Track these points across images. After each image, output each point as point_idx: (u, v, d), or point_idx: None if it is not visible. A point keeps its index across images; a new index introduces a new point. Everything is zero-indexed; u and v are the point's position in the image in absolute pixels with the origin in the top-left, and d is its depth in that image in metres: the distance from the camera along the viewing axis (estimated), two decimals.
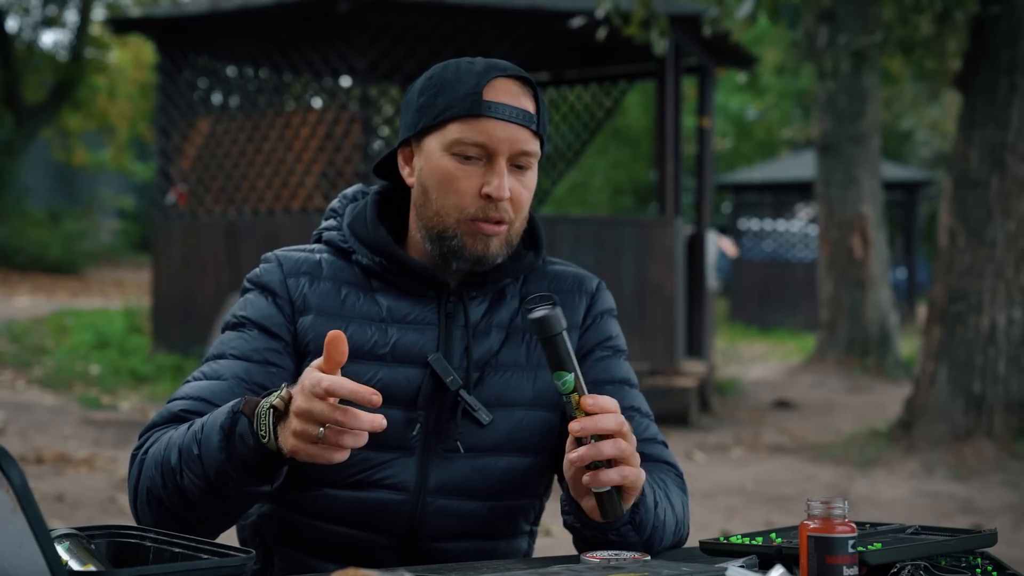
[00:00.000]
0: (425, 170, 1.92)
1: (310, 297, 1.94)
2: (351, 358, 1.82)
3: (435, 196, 1.90)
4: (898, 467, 8.30)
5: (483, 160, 1.88)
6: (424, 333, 1.93)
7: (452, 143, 1.88)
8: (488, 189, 1.87)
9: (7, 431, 8.15)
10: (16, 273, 17.69)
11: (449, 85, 1.89)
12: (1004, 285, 8.59)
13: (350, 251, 1.98)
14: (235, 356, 1.92)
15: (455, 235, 1.90)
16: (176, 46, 10.91)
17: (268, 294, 1.96)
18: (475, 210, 1.88)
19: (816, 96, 14.31)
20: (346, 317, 1.93)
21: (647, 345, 10.16)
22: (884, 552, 1.65)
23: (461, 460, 1.91)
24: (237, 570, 1.46)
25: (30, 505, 1.30)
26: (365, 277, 1.97)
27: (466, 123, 1.87)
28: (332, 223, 2.05)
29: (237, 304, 2.00)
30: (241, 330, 1.95)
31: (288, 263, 1.98)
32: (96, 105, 21.99)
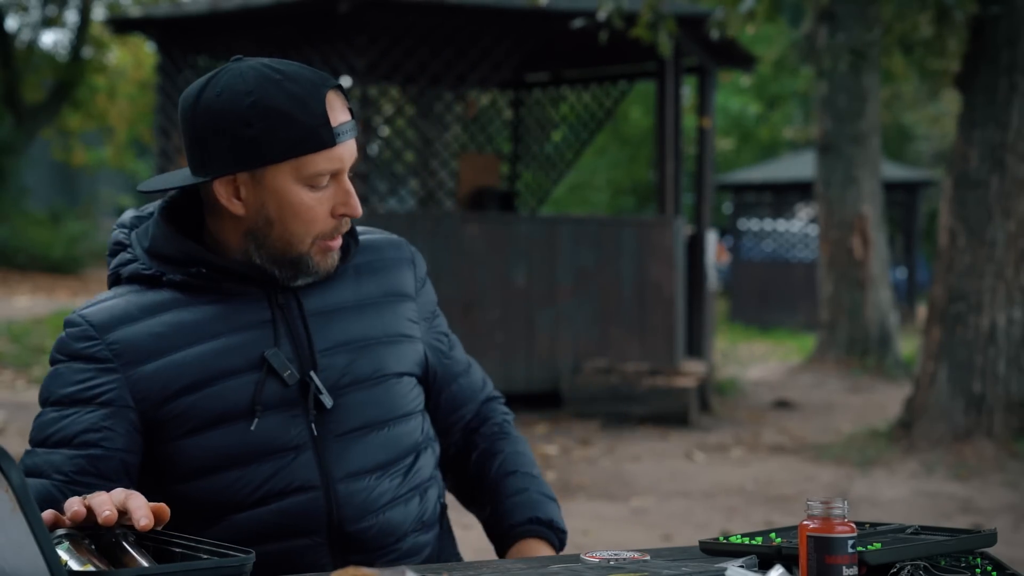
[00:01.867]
0: (270, 203, 1.84)
1: (134, 348, 1.84)
2: (213, 380, 1.83)
3: (285, 227, 1.85)
4: (898, 467, 8.30)
5: (330, 182, 1.85)
6: (262, 332, 1.88)
7: (310, 176, 1.82)
8: (345, 210, 1.86)
9: (7, 431, 8.14)
10: (16, 273, 17.69)
11: (288, 118, 1.80)
12: (1004, 285, 8.59)
13: (158, 276, 1.89)
14: (55, 444, 1.81)
15: (307, 256, 1.87)
16: (176, 46, 10.91)
17: (82, 359, 1.84)
18: (329, 230, 1.87)
19: (816, 96, 14.30)
20: (182, 347, 1.84)
21: (647, 345, 10.16)
22: (884, 552, 1.65)
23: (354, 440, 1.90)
24: (237, 570, 1.46)
25: (30, 505, 1.30)
26: (182, 294, 1.88)
27: (322, 155, 1.82)
28: (125, 256, 1.93)
29: (47, 380, 1.87)
30: (56, 410, 1.83)
31: (96, 318, 1.85)
32: (95, 105, 21.99)
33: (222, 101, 1.81)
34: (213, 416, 1.84)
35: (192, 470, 1.84)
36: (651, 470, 8.12)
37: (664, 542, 5.96)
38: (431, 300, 2.10)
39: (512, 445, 2.16)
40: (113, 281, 1.95)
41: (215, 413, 1.84)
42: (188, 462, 1.84)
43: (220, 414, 1.84)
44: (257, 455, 1.85)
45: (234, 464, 1.84)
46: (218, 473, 1.84)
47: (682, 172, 11.47)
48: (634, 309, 10.20)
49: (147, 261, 1.90)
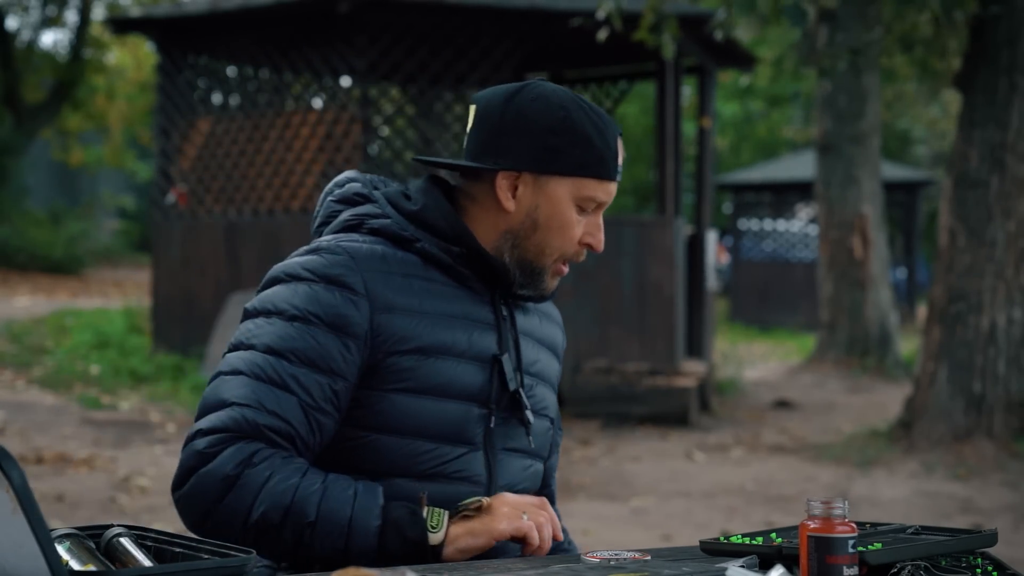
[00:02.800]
0: (543, 208, 1.96)
1: (387, 294, 1.91)
2: (434, 354, 1.91)
3: (544, 235, 1.97)
4: (898, 467, 8.30)
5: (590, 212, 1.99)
6: (486, 332, 1.98)
7: (584, 198, 1.96)
8: (591, 240, 1.99)
9: (7, 431, 8.15)
10: (16, 273, 17.69)
11: (589, 141, 1.94)
12: (1004, 285, 8.59)
13: (411, 239, 1.96)
14: (302, 360, 1.85)
15: (542, 272, 2.00)
16: (176, 46, 10.91)
17: (341, 288, 1.88)
18: (571, 254, 1.99)
19: (816, 96, 14.30)
20: (426, 314, 1.92)
21: (647, 345, 10.16)
22: (884, 552, 1.65)
23: (514, 459, 2.02)
24: (237, 570, 1.46)
25: (30, 505, 1.30)
26: (423, 265, 1.96)
27: (601, 183, 1.96)
28: (372, 209, 2.00)
29: (290, 293, 1.89)
30: (304, 326, 1.87)
31: (359, 256, 1.91)
32: (95, 105, 21.99)
33: (536, 107, 1.95)
34: (429, 385, 1.91)
35: (387, 424, 1.89)
36: (651, 470, 8.12)
37: (664, 542, 5.96)
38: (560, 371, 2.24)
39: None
40: (349, 228, 1.99)
41: (431, 383, 1.91)
42: (387, 415, 1.89)
43: (435, 386, 1.91)
44: (446, 437, 1.92)
45: (424, 435, 1.91)
46: (407, 437, 1.90)
47: (682, 172, 11.47)
48: (634, 309, 10.20)
49: (403, 222, 1.97)
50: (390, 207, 1.99)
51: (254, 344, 1.87)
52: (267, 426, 1.82)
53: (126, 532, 1.56)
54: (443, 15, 10.08)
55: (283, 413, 1.82)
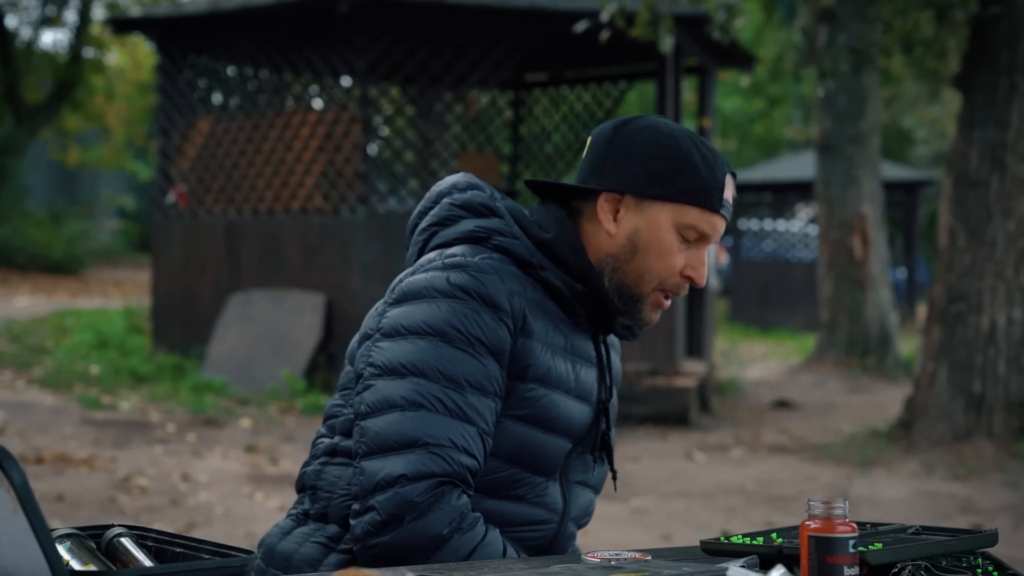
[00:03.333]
0: (644, 232, 1.95)
1: (527, 316, 1.91)
2: (551, 386, 1.92)
3: (644, 260, 1.96)
4: (898, 467, 8.30)
5: (694, 243, 1.98)
6: (589, 369, 2.00)
7: (685, 226, 1.95)
8: (692, 273, 1.98)
9: (7, 431, 8.14)
10: (16, 273, 17.69)
11: (694, 169, 1.94)
12: (1004, 285, 8.59)
13: (536, 266, 1.95)
14: (473, 386, 1.85)
15: (641, 299, 1.97)
16: (176, 46, 10.91)
17: (495, 309, 1.87)
18: (671, 285, 1.97)
19: (816, 96, 14.31)
20: (547, 344, 1.93)
21: (647, 345, 10.16)
22: (885, 552, 1.65)
23: (583, 492, 2.04)
24: (238, 570, 1.46)
25: (31, 505, 1.30)
26: (542, 295, 1.95)
27: (703, 213, 1.95)
28: (501, 226, 1.97)
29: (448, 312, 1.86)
30: (469, 348, 1.86)
31: (505, 276, 1.90)
32: (94, 106, 21.99)
33: (644, 134, 1.96)
34: (542, 417, 1.92)
35: (496, 449, 1.90)
36: (651, 470, 8.12)
37: (664, 542, 5.95)
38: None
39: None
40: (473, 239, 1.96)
41: (544, 415, 1.92)
42: (498, 439, 1.89)
43: (547, 419, 1.92)
44: (539, 468, 1.94)
45: (522, 464, 1.93)
46: (508, 464, 1.92)
47: None
48: None
49: (531, 248, 1.95)
50: (517, 227, 1.97)
51: (421, 370, 1.84)
52: (468, 467, 1.83)
53: (126, 532, 1.56)
54: (443, 15, 10.08)
55: (472, 449, 1.84)
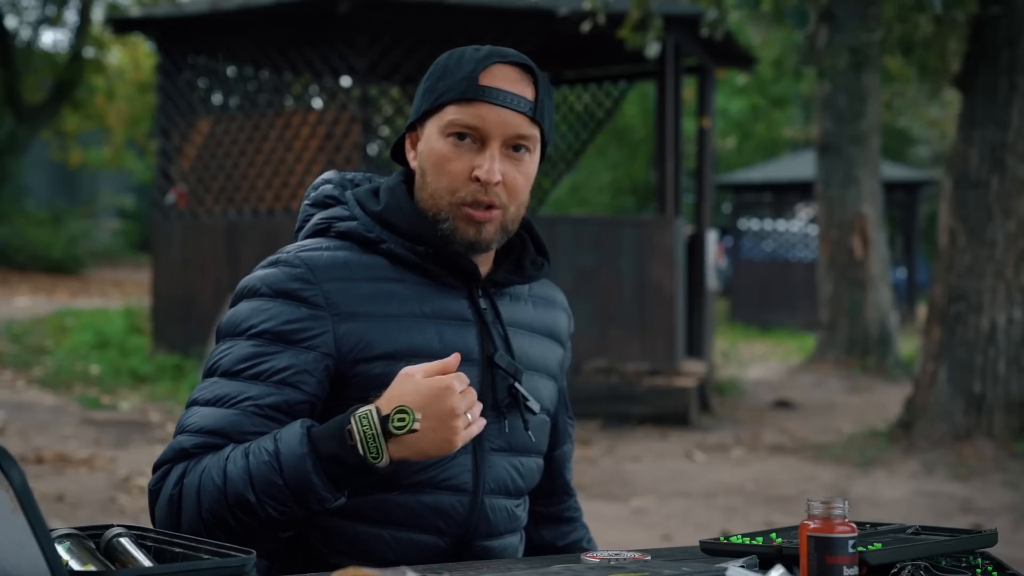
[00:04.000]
0: (424, 152, 1.93)
1: (349, 302, 1.87)
2: (403, 358, 1.86)
3: (431, 178, 1.92)
4: (898, 467, 8.30)
5: (477, 144, 1.90)
6: (464, 328, 1.94)
7: (447, 124, 1.90)
8: (478, 172, 1.88)
9: (7, 431, 8.15)
10: (16, 273, 17.69)
11: (450, 71, 1.91)
12: (1004, 285, 8.59)
13: (377, 241, 1.93)
14: (253, 376, 1.83)
15: (447, 218, 1.91)
16: (176, 46, 10.91)
17: (299, 303, 1.86)
18: (465, 193, 1.89)
19: (816, 96, 14.31)
20: (392, 318, 1.88)
21: (647, 345, 10.16)
22: (884, 552, 1.65)
23: (502, 458, 1.96)
24: (237, 570, 1.46)
25: (30, 505, 1.30)
26: (391, 267, 1.93)
27: (461, 106, 1.89)
28: (340, 211, 1.97)
29: (245, 311, 1.88)
30: (260, 342, 1.85)
31: (315, 264, 1.88)
32: (94, 106, 21.99)
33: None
34: None
35: None
36: (651, 470, 8.12)
37: (664, 542, 5.96)
38: (570, 358, 2.18)
39: (585, 533, 2.26)
40: (317, 232, 1.97)
41: None
42: None
43: None
44: None
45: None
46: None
47: (682, 172, 11.47)
48: (634, 309, 10.20)
49: (370, 224, 1.94)
50: (359, 208, 1.97)
51: (215, 370, 1.86)
52: (196, 445, 1.80)
53: (126, 532, 1.56)
54: (443, 15, 10.07)
55: (219, 428, 1.80)
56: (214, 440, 1.80)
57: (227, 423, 1.80)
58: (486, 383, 1.93)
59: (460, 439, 1.73)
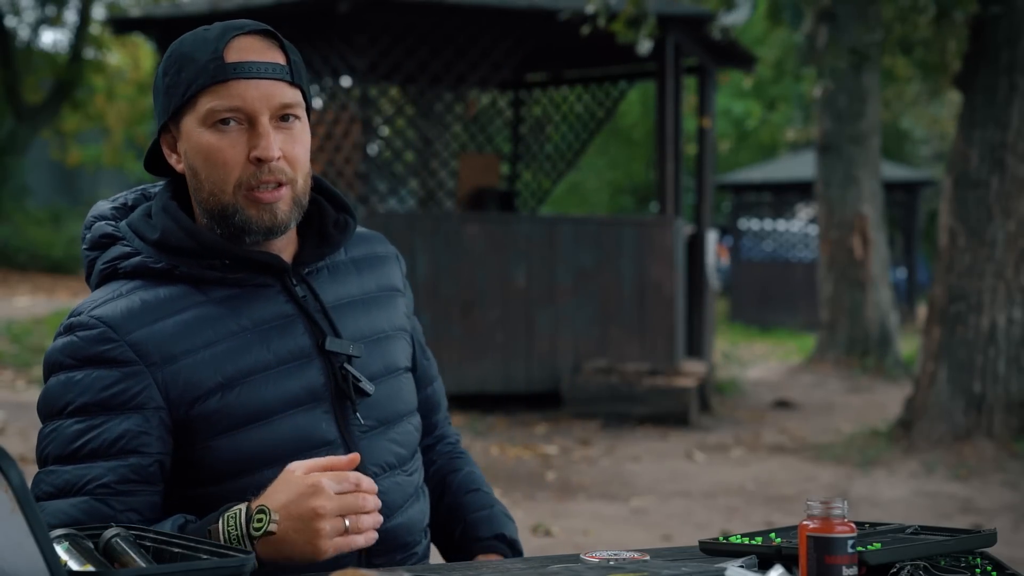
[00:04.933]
0: (189, 152, 1.81)
1: (160, 347, 1.75)
2: (242, 378, 1.77)
3: (205, 175, 1.80)
4: (898, 467, 8.30)
5: (244, 125, 1.79)
6: (289, 325, 1.83)
7: (206, 115, 1.78)
8: (256, 152, 1.77)
9: (7, 431, 8.14)
10: (16, 273, 17.70)
11: (188, 58, 1.79)
12: (1004, 285, 8.59)
13: (169, 269, 1.80)
14: (87, 456, 1.72)
15: (236, 210, 1.79)
16: None
17: (108, 365, 1.74)
18: (247, 178, 1.78)
19: (816, 96, 14.31)
20: (211, 345, 1.77)
21: (647, 345, 10.16)
22: (884, 552, 1.65)
23: (377, 437, 1.88)
24: (237, 570, 1.46)
25: (29, 505, 1.30)
26: (194, 289, 1.81)
27: (214, 91, 1.77)
28: (121, 249, 1.83)
29: (57, 388, 1.75)
30: (81, 419, 1.73)
31: (113, 319, 1.76)
32: (94, 106, 21.99)
33: (159, 65, 1.85)
34: (246, 415, 1.78)
35: (224, 471, 1.78)
36: (651, 470, 8.12)
37: (664, 542, 5.95)
38: (411, 298, 2.09)
39: (469, 464, 2.16)
40: (106, 277, 1.84)
41: (247, 411, 1.78)
42: (220, 463, 1.78)
43: (252, 412, 1.79)
44: (290, 453, 1.77)
45: (268, 463, 1.77)
46: (252, 473, 1.77)
47: (682, 172, 11.47)
48: (634, 309, 10.20)
49: (154, 254, 1.81)
50: (137, 240, 1.83)
51: (47, 458, 1.75)
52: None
53: (125, 532, 1.56)
54: (443, 15, 10.07)
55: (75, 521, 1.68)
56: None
57: (82, 513, 1.70)
58: (329, 373, 1.84)
59: (328, 545, 1.62)
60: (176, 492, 1.80)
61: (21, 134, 20.11)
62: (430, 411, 2.10)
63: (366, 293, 1.95)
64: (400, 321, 2.00)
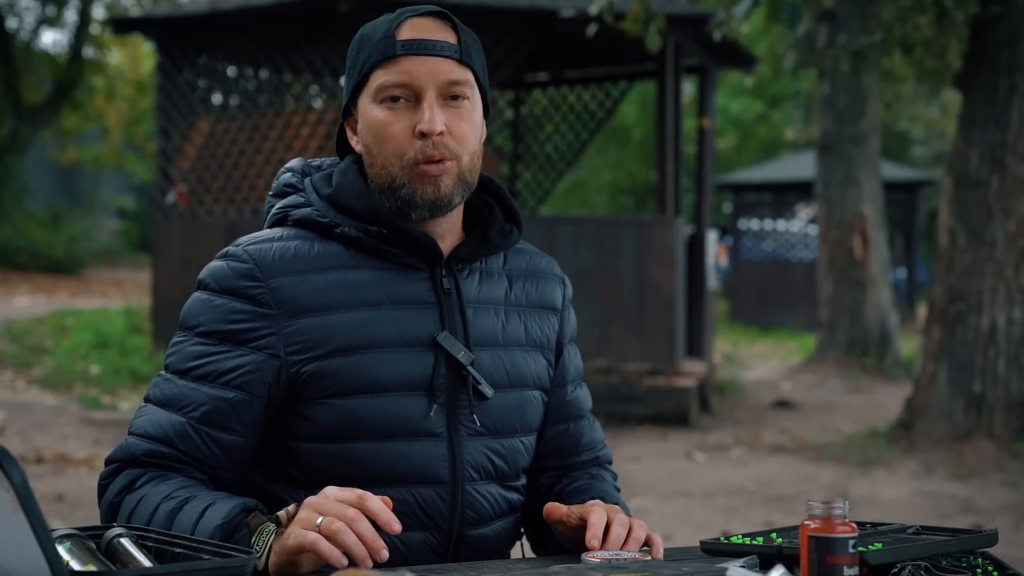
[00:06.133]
0: (364, 129, 1.88)
1: (297, 297, 1.81)
2: (359, 351, 1.80)
3: (376, 150, 1.86)
4: (898, 467, 8.30)
5: (412, 101, 1.84)
6: (424, 312, 1.86)
7: (377, 91, 1.85)
8: (420, 126, 1.82)
9: (7, 431, 8.15)
10: (16, 273, 17.69)
11: (367, 39, 1.88)
12: (1004, 285, 8.59)
13: (331, 225, 1.86)
14: (199, 378, 1.81)
15: (403, 183, 1.84)
16: (176, 46, 10.91)
17: (244, 300, 1.81)
18: (414, 152, 1.83)
19: (816, 96, 14.31)
20: (346, 309, 1.81)
21: (647, 345, 10.16)
22: (885, 552, 1.65)
23: (482, 441, 1.89)
24: (238, 570, 1.46)
25: (31, 505, 1.30)
26: (348, 252, 1.86)
27: (384, 68, 1.84)
28: (297, 199, 1.91)
29: (197, 306, 1.85)
30: (206, 342, 1.82)
31: (263, 260, 1.83)
32: (94, 106, 21.98)
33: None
34: (359, 384, 1.81)
35: (324, 432, 1.81)
36: (651, 470, 8.12)
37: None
38: (574, 325, 2.09)
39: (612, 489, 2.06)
40: (276, 220, 1.91)
41: (362, 381, 1.81)
42: (322, 423, 1.81)
43: (367, 383, 1.81)
44: (392, 433, 1.82)
45: (367, 435, 1.81)
46: (349, 441, 1.81)
47: (682, 172, 11.47)
48: (634, 309, 10.20)
49: (324, 209, 1.88)
50: (314, 194, 1.91)
51: (167, 366, 1.85)
52: (146, 452, 1.79)
53: (126, 532, 1.56)
54: None
55: (166, 436, 1.79)
56: (160, 448, 1.79)
57: (173, 432, 1.79)
58: (438, 365, 1.85)
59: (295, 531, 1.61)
60: (277, 441, 1.84)
61: (21, 134, 20.10)
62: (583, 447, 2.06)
63: (512, 304, 1.97)
64: (544, 339, 2.00)
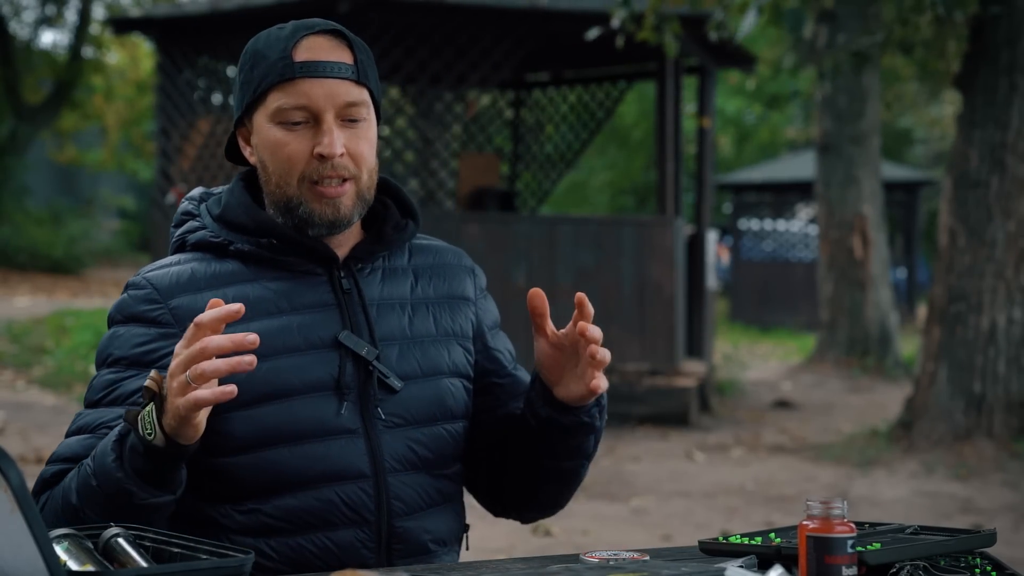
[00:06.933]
0: (259, 145, 1.90)
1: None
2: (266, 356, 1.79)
3: (272, 168, 1.88)
4: (898, 467, 8.30)
5: (310, 123, 1.86)
6: (326, 314, 1.89)
7: (274, 112, 1.87)
8: (319, 149, 1.85)
9: (7, 431, 8.15)
10: (16, 273, 17.69)
11: (261, 56, 1.89)
12: (1004, 285, 8.59)
13: (225, 244, 1.90)
14: (109, 403, 1.83)
15: (300, 202, 1.87)
16: (176, 46, 10.91)
17: (146, 324, 1.86)
18: (311, 172, 1.86)
19: (816, 96, 14.31)
20: (245, 320, 1.78)
21: (647, 345, 10.16)
22: (883, 552, 1.65)
23: (402, 432, 1.89)
24: (236, 570, 1.46)
25: (29, 505, 1.30)
26: (246, 268, 1.90)
27: (282, 89, 1.86)
28: (193, 224, 1.95)
29: (105, 341, 1.89)
30: (116, 371, 1.85)
31: (161, 283, 1.88)
32: (93, 106, 21.98)
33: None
34: (267, 391, 1.83)
35: (238, 444, 1.83)
36: (651, 470, 8.12)
37: (664, 542, 5.95)
38: (493, 313, 2.10)
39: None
40: (176, 248, 1.96)
41: (270, 388, 1.83)
42: (235, 435, 1.82)
43: (274, 389, 1.83)
44: (307, 435, 1.84)
45: (283, 440, 1.83)
46: (265, 449, 1.83)
47: (682, 172, 11.47)
48: (634, 309, 10.20)
49: (216, 229, 1.92)
50: (208, 217, 1.94)
51: (85, 403, 1.88)
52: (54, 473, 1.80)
53: (124, 532, 1.56)
54: (443, 15, 10.07)
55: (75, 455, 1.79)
56: (69, 466, 1.80)
57: (81, 449, 1.80)
58: (343, 363, 1.87)
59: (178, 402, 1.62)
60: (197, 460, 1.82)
61: (21, 134, 20.09)
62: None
63: (420, 299, 1.98)
64: (458, 329, 2.00)
